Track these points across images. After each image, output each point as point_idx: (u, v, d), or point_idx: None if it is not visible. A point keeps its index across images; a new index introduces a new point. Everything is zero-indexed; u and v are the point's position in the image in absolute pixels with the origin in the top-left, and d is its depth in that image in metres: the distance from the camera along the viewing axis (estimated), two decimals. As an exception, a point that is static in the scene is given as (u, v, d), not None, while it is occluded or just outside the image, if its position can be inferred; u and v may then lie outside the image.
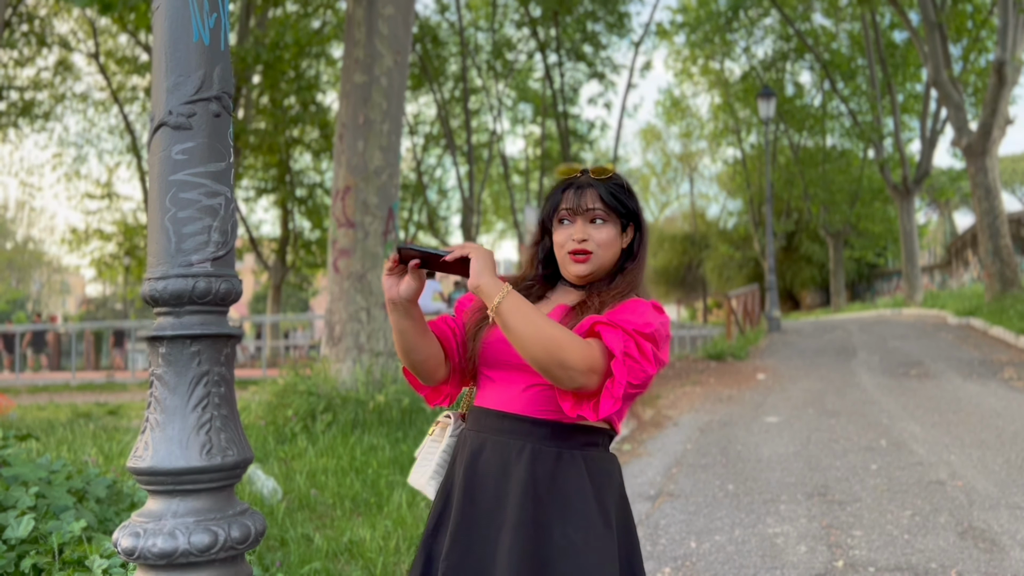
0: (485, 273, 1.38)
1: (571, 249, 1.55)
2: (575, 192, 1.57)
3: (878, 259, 35.71)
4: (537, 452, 1.47)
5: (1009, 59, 15.37)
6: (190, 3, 1.34)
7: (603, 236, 1.56)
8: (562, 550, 1.42)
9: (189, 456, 1.28)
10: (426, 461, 1.65)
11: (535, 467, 1.46)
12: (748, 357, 12.72)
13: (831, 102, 29.37)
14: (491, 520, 1.46)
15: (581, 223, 1.56)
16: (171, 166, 1.33)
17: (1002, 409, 7.28)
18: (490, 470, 1.49)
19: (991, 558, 3.69)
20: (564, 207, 1.57)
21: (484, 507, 1.47)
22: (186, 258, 1.31)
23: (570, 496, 1.45)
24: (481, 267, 1.38)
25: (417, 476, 1.66)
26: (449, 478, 1.58)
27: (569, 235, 1.56)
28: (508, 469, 1.47)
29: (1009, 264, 15.76)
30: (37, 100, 23.96)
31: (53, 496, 2.76)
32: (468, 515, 1.48)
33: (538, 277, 1.65)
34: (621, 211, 1.58)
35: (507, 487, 1.46)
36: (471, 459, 1.52)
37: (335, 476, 4.51)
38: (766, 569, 3.64)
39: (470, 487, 1.50)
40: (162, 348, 1.31)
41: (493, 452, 1.50)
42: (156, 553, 1.25)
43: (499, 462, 1.49)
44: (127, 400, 10.80)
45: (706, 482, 5.24)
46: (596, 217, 1.56)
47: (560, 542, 1.42)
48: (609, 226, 1.57)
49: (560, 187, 1.60)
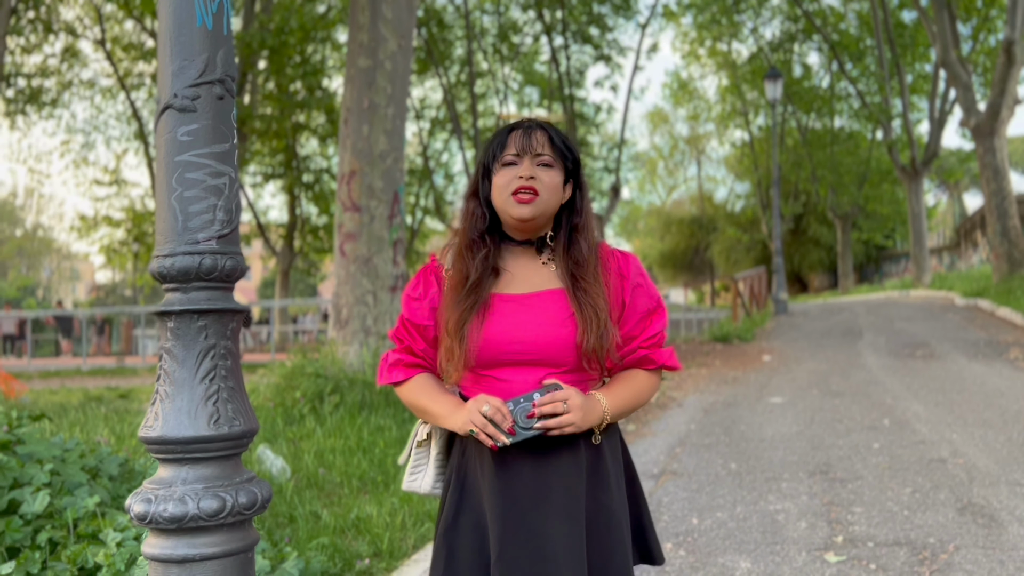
0: (586, 407, 1.46)
1: (517, 187, 1.50)
2: (523, 133, 1.54)
3: (886, 241, 35.58)
4: (568, 438, 1.50)
5: (1018, 38, 15.24)
6: (193, -12, 1.39)
7: (550, 179, 1.52)
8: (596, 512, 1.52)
9: (197, 426, 1.33)
10: (421, 467, 1.64)
11: (566, 450, 1.51)
12: (754, 339, 12.75)
13: (839, 83, 29.18)
14: (537, 507, 1.48)
15: (528, 162, 1.51)
16: (176, 147, 1.37)
17: (1006, 388, 7.30)
18: (524, 464, 1.49)
19: (989, 533, 3.74)
20: (511, 148, 1.53)
21: (526, 500, 1.48)
22: (192, 236, 1.36)
23: (600, 470, 1.54)
24: (582, 405, 1.45)
25: (418, 483, 1.64)
26: (459, 477, 1.56)
27: (515, 175, 1.51)
28: (541, 459, 1.49)
29: (1017, 245, 15.70)
30: (44, 87, 24.02)
31: (67, 473, 2.84)
32: (511, 511, 1.48)
33: (483, 235, 1.58)
34: (568, 158, 1.56)
35: (545, 475, 1.49)
36: (497, 458, 1.49)
37: (343, 456, 4.59)
38: (766, 544, 3.70)
39: (505, 485, 1.49)
40: (170, 322, 1.36)
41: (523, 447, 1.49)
42: (167, 518, 1.31)
43: (532, 455, 1.49)
44: (137, 384, 10.91)
45: (709, 461, 5.29)
46: (544, 161, 1.53)
47: (593, 507, 1.52)
48: (555, 172, 1.54)
49: (506, 130, 1.57)
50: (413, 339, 1.59)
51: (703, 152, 47.00)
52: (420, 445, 1.64)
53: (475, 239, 1.57)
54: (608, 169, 26.62)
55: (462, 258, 1.57)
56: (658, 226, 44.42)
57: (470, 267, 1.54)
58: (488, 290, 1.53)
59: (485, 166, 1.58)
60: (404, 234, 6.75)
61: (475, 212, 1.59)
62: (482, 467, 1.53)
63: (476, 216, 1.58)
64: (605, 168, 26.93)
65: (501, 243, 1.60)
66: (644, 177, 50.57)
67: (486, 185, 1.58)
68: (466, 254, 1.56)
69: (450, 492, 1.57)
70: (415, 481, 1.65)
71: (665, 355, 1.60)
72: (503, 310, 1.51)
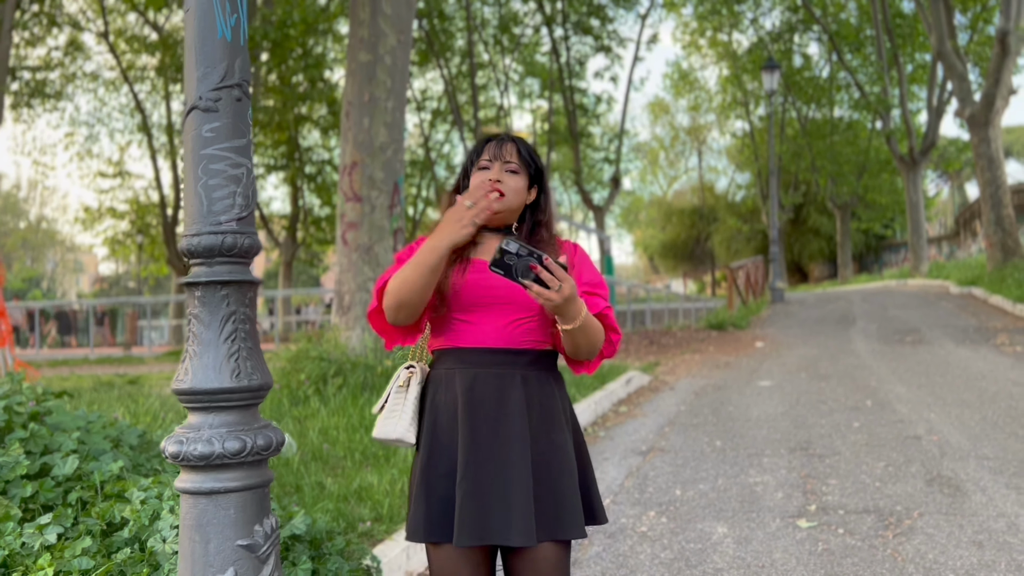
0: (575, 300, 1.67)
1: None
2: (496, 144, 1.87)
3: (886, 231, 35.76)
4: (526, 377, 1.79)
5: (1013, 29, 15.40)
6: (215, 6, 1.62)
7: (515, 183, 1.84)
8: (550, 450, 1.77)
9: (222, 379, 1.57)
10: (397, 411, 1.84)
11: (527, 390, 1.78)
12: (749, 327, 12.98)
13: (839, 73, 29.31)
14: (494, 438, 1.74)
15: (498, 167, 1.84)
16: (201, 142, 1.61)
17: (988, 372, 7.53)
18: (486, 398, 1.76)
19: (953, 502, 3.97)
20: (486, 155, 1.86)
21: (485, 430, 1.75)
22: (216, 218, 1.60)
23: (551, 409, 1.80)
24: (574, 293, 1.66)
25: (391, 427, 1.83)
26: (430, 419, 1.80)
27: (486, 176, 1.84)
28: (504, 394, 1.76)
29: (1011, 234, 15.90)
30: (48, 80, 24.24)
31: (92, 442, 3.08)
32: (474, 440, 1.74)
33: None
34: (531, 167, 1.88)
35: (505, 409, 1.76)
36: (467, 392, 1.76)
37: (346, 432, 4.83)
38: (743, 512, 3.94)
39: (471, 416, 1.75)
40: (197, 292, 1.60)
41: (486, 383, 1.77)
42: (197, 456, 1.55)
43: (494, 390, 1.76)
44: (145, 372, 11.17)
45: (696, 439, 5.54)
46: (511, 168, 1.85)
47: (546, 445, 1.77)
48: (520, 177, 1.86)
49: (483, 140, 1.90)
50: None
51: (704, 142, 47.14)
52: (400, 387, 1.87)
53: None
54: (608, 160, 26.80)
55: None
56: (659, 216, 44.63)
57: None
58: (468, 255, 1.85)
59: (465, 168, 1.92)
60: (404, 223, 6.98)
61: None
62: (452, 406, 1.78)
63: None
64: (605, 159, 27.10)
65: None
66: (645, 168, 50.76)
67: (466, 183, 1.91)
68: None
69: (424, 434, 1.81)
70: (388, 425, 1.84)
71: (604, 306, 1.84)
72: (481, 268, 1.81)
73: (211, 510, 1.58)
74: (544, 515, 1.73)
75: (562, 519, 1.73)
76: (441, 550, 1.75)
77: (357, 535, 3.19)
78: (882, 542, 3.46)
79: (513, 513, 1.69)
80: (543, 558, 1.74)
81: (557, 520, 1.73)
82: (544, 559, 1.74)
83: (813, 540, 3.51)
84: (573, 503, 1.75)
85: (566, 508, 1.74)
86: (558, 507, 1.74)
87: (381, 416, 1.86)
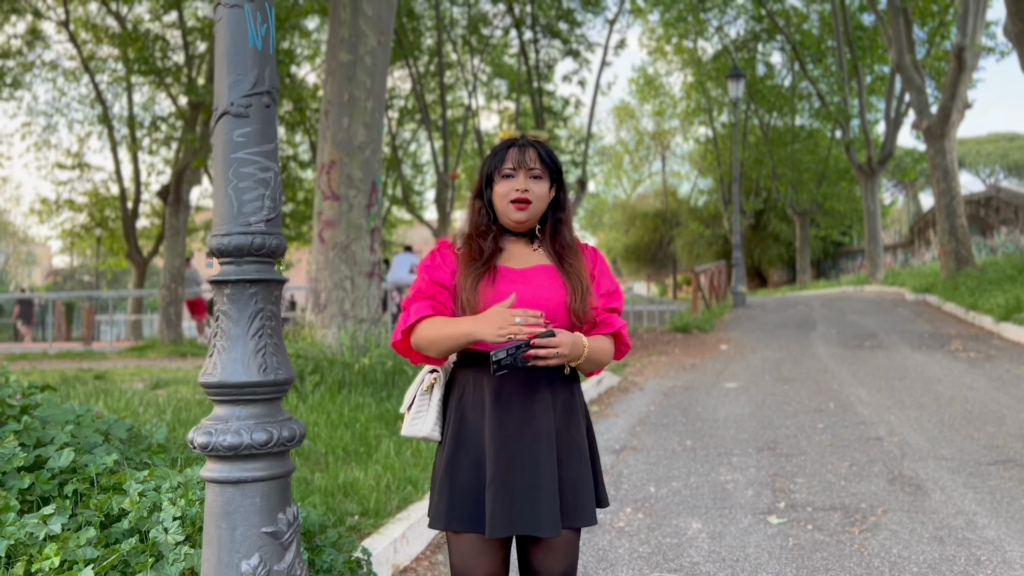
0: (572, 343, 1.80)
1: (515, 198, 1.90)
2: (518, 150, 1.93)
3: (843, 238, 36.51)
4: (551, 378, 1.91)
5: (969, 45, 15.90)
6: (247, 16, 1.69)
7: (540, 189, 1.93)
8: (569, 446, 1.90)
9: (250, 373, 1.64)
10: (423, 412, 1.96)
11: (553, 390, 1.90)
12: (713, 330, 13.23)
13: (800, 83, 29.90)
14: (522, 434, 1.85)
15: (523, 176, 1.91)
16: (232, 146, 1.68)
17: (943, 376, 7.82)
18: (515, 398, 1.86)
19: (915, 500, 4.16)
20: (509, 163, 1.92)
21: (514, 428, 1.85)
22: (245, 219, 1.67)
23: (572, 406, 1.93)
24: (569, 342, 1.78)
25: (418, 427, 1.95)
26: (456, 417, 1.90)
27: (513, 186, 1.91)
28: (532, 395, 1.87)
29: (964, 243, 16.40)
30: (6, 68, 23.69)
31: (83, 435, 3.10)
32: (503, 437, 1.84)
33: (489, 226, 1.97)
34: (553, 170, 1.96)
35: (533, 408, 1.86)
36: (494, 398, 1.86)
37: (326, 429, 4.88)
38: (716, 509, 4.08)
39: (500, 415, 1.85)
40: (227, 290, 1.67)
41: (513, 389, 1.87)
42: (225, 447, 1.62)
43: (522, 391, 1.87)
44: (109, 367, 11.02)
45: (667, 438, 5.68)
46: (535, 174, 1.92)
47: (567, 441, 1.90)
48: (544, 182, 1.94)
49: (503, 146, 1.96)
50: (437, 290, 1.93)
51: (668, 147, 47.68)
52: (425, 391, 1.97)
53: (482, 230, 1.98)
54: (575, 163, 26.99)
55: (472, 240, 1.97)
56: (623, 220, 45.01)
57: (482, 245, 1.94)
58: (495, 263, 1.93)
59: (488, 175, 1.97)
60: (381, 223, 7.04)
61: (480, 210, 2.00)
62: (480, 405, 1.88)
63: (481, 213, 1.99)
64: (572, 162, 27.29)
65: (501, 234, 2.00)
66: (610, 171, 51.16)
67: (488, 190, 1.98)
68: (476, 239, 1.97)
69: (449, 431, 1.91)
70: (415, 425, 1.96)
71: (620, 325, 1.99)
72: (509, 277, 1.91)
73: (238, 498, 1.65)
74: (565, 505, 1.85)
75: (579, 508, 1.86)
76: (463, 539, 1.85)
77: (346, 528, 3.26)
78: (849, 537, 3.62)
79: (542, 506, 1.80)
80: (561, 543, 1.85)
81: (575, 509, 1.86)
82: (562, 544, 1.85)
83: (784, 535, 3.66)
84: (587, 492, 1.88)
85: (582, 498, 1.87)
86: (576, 497, 1.86)
87: (408, 417, 1.98)
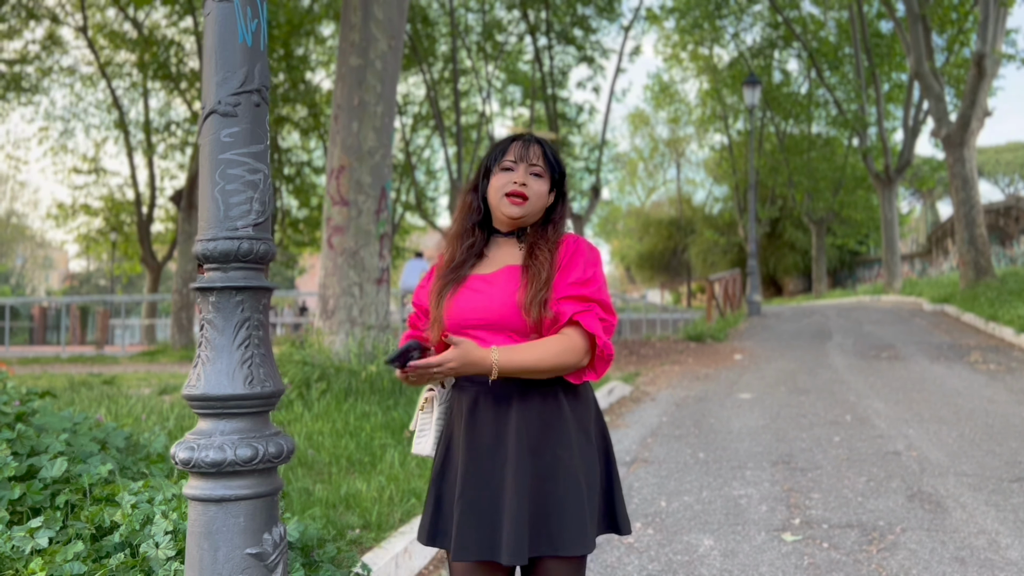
0: (467, 360, 1.65)
1: (510, 191, 1.77)
2: (522, 144, 1.81)
3: (860, 247, 36.21)
4: (523, 394, 1.75)
5: (989, 52, 15.70)
6: (236, 11, 1.61)
7: (539, 187, 1.80)
8: (553, 466, 1.73)
9: (235, 385, 1.55)
10: (425, 431, 1.89)
11: (526, 407, 1.75)
12: (727, 339, 13.08)
13: (817, 90, 29.67)
14: (494, 456, 1.73)
15: (523, 170, 1.79)
16: (220, 147, 1.59)
17: (963, 389, 7.65)
18: (487, 418, 1.76)
19: (934, 518, 4.03)
20: (510, 155, 1.80)
21: (485, 449, 1.74)
22: (232, 223, 1.58)
23: (557, 423, 1.75)
24: (460, 358, 1.65)
25: (421, 446, 1.89)
26: (448, 432, 1.83)
27: (510, 179, 1.78)
28: (502, 415, 1.75)
29: (983, 253, 16.17)
30: (24, 73, 23.89)
31: (79, 444, 3.03)
32: (474, 459, 1.74)
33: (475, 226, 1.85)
34: (555, 171, 1.83)
35: (504, 428, 1.74)
36: (468, 413, 1.77)
37: (330, 438, 4.80)
38: (729, 525, 3.96)
39: (471, 436, 1.76)
40: (212, 297, 1.58)
41: (485, 403, 1.76)
42: (208, 463, 1.53)
43: (492, 410, 1.76)
44: (119, 372, 11.01)
45: (679, 451, 5.56)
46: (536, 171, 1.80)
47: (551, 460, 1.73)
48: (544, 181, 1.81)
49: (508, 139, 1.84)
50: (418, 317, 1.90)
51: (683, 155, 47.49)
52: (422, 409, 1.88)
53: (467, 229, 1.85)
54: (589, 169, 26.91)
55: (452, 244, 1.86)
56: (637, 227, 44.87)
57: (456, 252, 1.83)
58: (468, 271, 1.81)
59: (486, 167, 1.85)
60: (390, 229, 6.96)
61: (472, 204, 1.87)
62: (459, 421, 1.80)
63: (473, 208, 1.86)
64: (586, 168, 27.22)
65: (490, 236, 1.88)
66: (624, 178, 51.02)
67: (484, 183, 1.85)
68: (456, 241, 1.86)
69: (440, 447, 1.85)
70: (419, 444, 1.89)
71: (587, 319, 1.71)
72: (473, 286, 1.78)
73: (220, 517, 1.57)
74: (545, 532, 1.71)
75: (563, 535, 1.70)
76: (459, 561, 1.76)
77: (347, 542, 3.17)
78: (866, 557, 3.49)
79: (502, 532, 1.68)
80: (554, 572, 1.74)
81: (558, 536, 1.71)
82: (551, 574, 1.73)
83: (799, 554, 3.54)
84: (576, 516, 1.72)
85: (568, 524, 1.71)
86: (560, 523, 1.71)
87: (416, 435, 1.91)
